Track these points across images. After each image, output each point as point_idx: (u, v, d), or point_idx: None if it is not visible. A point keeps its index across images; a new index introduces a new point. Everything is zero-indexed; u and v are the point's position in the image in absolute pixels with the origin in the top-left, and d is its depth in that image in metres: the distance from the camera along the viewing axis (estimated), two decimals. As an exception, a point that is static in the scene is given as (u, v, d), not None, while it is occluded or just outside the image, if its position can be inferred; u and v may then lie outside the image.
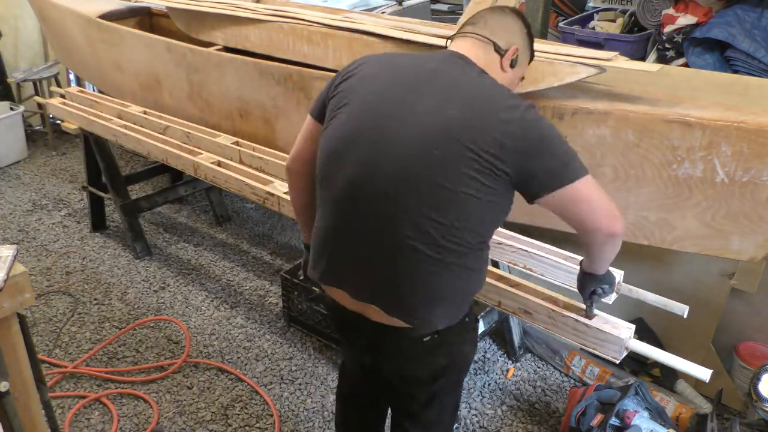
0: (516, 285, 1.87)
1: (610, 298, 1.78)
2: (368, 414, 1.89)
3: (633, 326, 1.66)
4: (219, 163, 2.63)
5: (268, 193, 2.36)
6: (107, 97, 3.51)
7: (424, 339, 1.45)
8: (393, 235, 1.34)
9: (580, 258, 1.77)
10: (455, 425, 1.90)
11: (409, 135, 1.32)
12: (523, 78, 1.57)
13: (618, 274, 1.78)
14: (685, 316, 1.73)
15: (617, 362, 1.68)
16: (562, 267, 1.85)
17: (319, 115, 1.50)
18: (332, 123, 1.43)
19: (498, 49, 1.45)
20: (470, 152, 1.27)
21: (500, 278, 1.90)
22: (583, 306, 1.68)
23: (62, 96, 3.60)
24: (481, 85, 1.37)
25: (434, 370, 1.52)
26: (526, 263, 1.92)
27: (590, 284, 1.56)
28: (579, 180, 1.31)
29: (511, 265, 1.98)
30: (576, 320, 1.68)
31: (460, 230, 1.32)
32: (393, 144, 1.33)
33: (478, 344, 2.72)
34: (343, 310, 1.52)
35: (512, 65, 1.48)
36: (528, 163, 1.29)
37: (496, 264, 2.21)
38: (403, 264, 1.35)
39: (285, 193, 2.32)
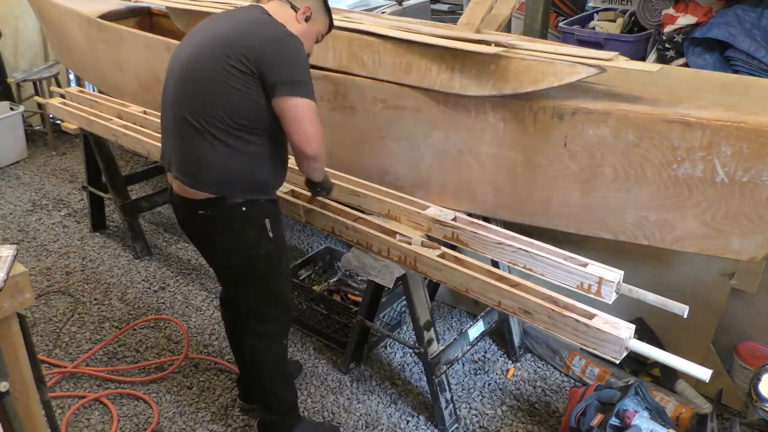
0: (516, 285, 1.87)
1: (611, 298, 1.78)
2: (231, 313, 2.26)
3: (633, 326, 1.67)
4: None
5: None
6: (107, 96, 3.51)
7: (200, 212, 1.88)
8: (177, 114, 1.83)
9: (581, 258, 1.80)
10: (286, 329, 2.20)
11: (191, 46, 1.86)
12: (323, 36, 2.01)
13: (618, 274, 1.78)
14: (685, 316, 1.73)
15: (617, 362, 1.68)
16: (562, 267, 1.85)
17: None
18: None
19: (293, 7, 1.90)
20: (231, 51, 1.74)
21: (500, 278, 1.90)
22: (583, 306, 1.74)
23: (62, 96, 3.60)
24: (258, 17, 1.84)
25: (220, 249, 1.97)
26: (526, 263, 1.92)
27: (312, 186, 2.14)
28: (300, 99, 1.75)
29: (511, 265, 1.98)
30: (576, 320, 1.69)
31: (219, 110, 1.76)
32: (183, 53, 1.86)
33: (478, 344, 2.72)
34: (171, 193, 1.98)
35: (306, 20, 1.91)
36: (270, 69, 1.73)
37: (496, 264, 2.21)
38: (183, 135, 1.83)
39: (285, 193, 2.33)
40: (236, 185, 1.85)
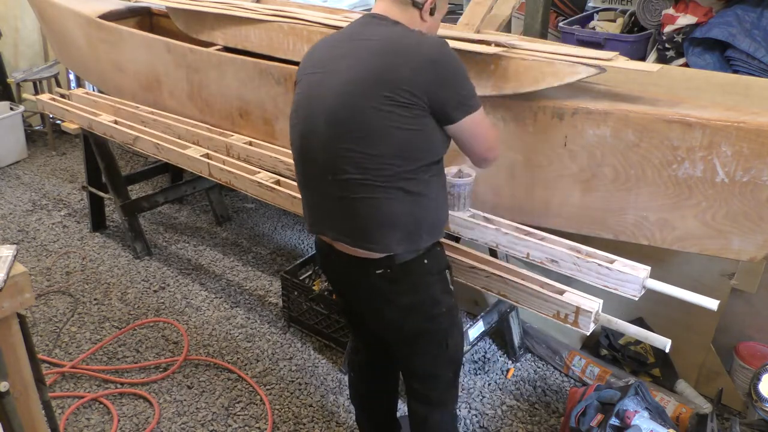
0: (543, 239, 1.93)
1: (589, 329, 1.76)
2: (375, 379, 2.02)
3: (649, 268, 1.79)
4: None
5: None
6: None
7: (377, 271, 1.61)
8: (336, 174, 1.55)
9: (557, 285, 1.83)
10: (457, 388, 1.95)
11: (332, 87, 1.54)
12: (442, 17, 1.74)
13: (597, 303, 1.74)
14: (667, 350, 1.70)
15: (636, 299, 1.78)
16: (537, 295, 1.81)
17: None
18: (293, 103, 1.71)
19: (415, 3, 1.60)
20: (386, 90, 1.47)
21: (528, 233, 1.97)
22: (604, 253, 1.88)
23: (62, 96, 3.60)
24: (393, 33, 1.56)
25: (398, 309, 1.67)
26: (500, 289, 1.89)
27: None
28: (476, 113, 1.55)
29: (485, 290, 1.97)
30: (599, 264, 1.80)
31: (395, 158, 1.50)
32: (322, 98, 1.56)
33: (478, 344, 2.72)
34: (324, 247, 1.73)
35: (431, 13, 1.64)
36: (437, 94, 1.49)
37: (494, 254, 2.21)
38: (352, 197, 1.55)
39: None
40: (422, 234, 1.60)
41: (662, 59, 3.15)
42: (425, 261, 1.63)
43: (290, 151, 2.56)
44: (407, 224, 1.56)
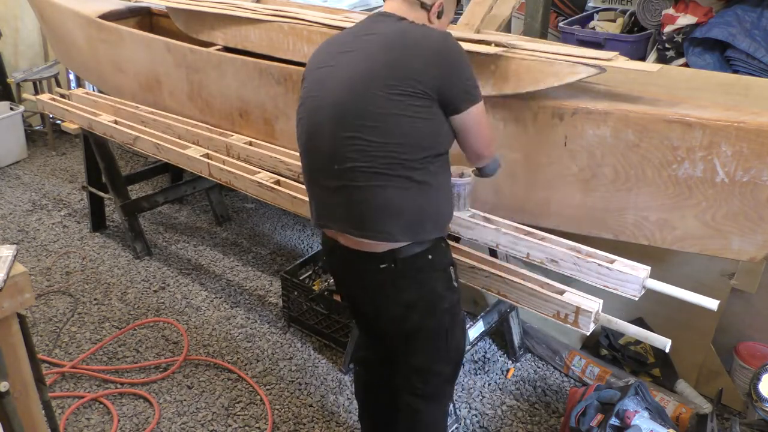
0: (543, 239, 1.93)
1: (589, 329, 1.75)
2: (380, 376, 1.96)
3: (649, 268, 1.78)
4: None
5: None
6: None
7: (382, 266, 1.60)
8: (341, 163, 1.55)
9: (557, 285, 1.83)
10: (453, 391, 1.96)
11: (340, 79, 1.57)
12: (449, 21, 1.78)
13: (597, 303, 1.73)
14: (667, 350, 1.70)
15: (636, 299, 1.78)
16: (537, 295, 1.80)
17: None
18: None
19: (423, 5, 1.65)
20: (393, 79, 1.50)
21: (528, 233, 1.96)
22: (604, 253, 1.87)
23: (62, 96, 3.60)
24: (399, 27, 1.60)
25: (401, 305, 1.67)
26: (500, 289, 1.89)
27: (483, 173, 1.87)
28: (479, 104, 1.59)
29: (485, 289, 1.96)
30: (599, 264, 1.79)
31: (401, 146, 1.52)
32: (329, 90, 1.59)
33: (478, 344, 2.72)
34: (329, 242, 1.73)
35: (439, 17, 1.69)
36: (445, 84, 1.52)
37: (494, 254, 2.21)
38: (357, 185, 1.55)
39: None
40: (425, 224, 1.61)
41: (662, 59, 3.16)
42: (429, 256, 1.63)
43: (290, 151, 2.61)
44: (411, 213, 1.57)
